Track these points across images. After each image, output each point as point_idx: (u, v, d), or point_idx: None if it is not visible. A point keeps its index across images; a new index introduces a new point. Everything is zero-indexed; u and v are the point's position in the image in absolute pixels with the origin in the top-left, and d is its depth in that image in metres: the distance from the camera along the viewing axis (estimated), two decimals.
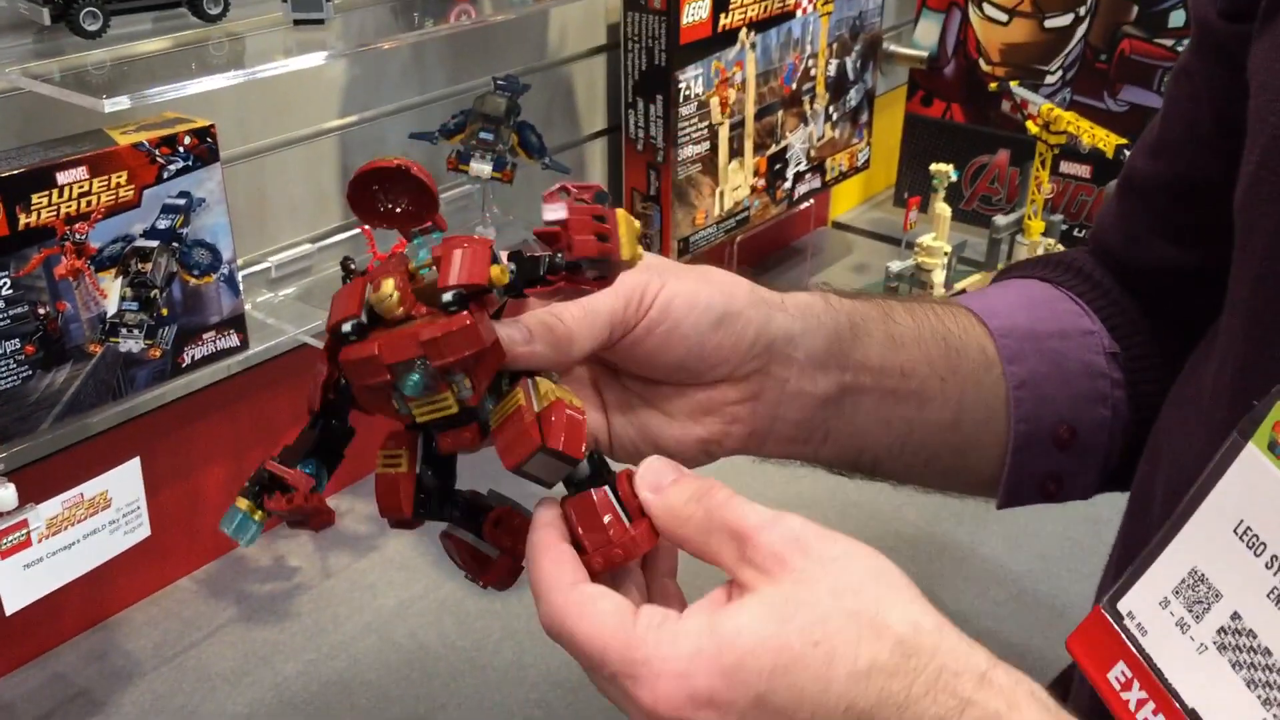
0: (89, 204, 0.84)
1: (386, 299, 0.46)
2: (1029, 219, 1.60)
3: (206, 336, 0.94)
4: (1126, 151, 1.48)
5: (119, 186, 0.85)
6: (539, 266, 0.47)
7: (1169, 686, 0.45)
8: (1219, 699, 0.43)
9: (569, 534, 0.48)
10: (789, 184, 1.59)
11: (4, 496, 0.79)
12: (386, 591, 1.14)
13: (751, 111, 1.48)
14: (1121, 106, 1.67)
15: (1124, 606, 0.48)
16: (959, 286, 1.58)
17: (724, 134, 1.44)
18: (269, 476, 0.49)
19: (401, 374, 0.46)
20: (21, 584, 0.82)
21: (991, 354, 0.68)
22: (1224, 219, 0.62)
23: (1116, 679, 0.47)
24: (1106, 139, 1.49)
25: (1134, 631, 0.47)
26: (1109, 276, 0.74)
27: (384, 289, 0.46)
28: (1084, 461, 0.70)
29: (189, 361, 0.93)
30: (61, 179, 0.82)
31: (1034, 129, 1.56)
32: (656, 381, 0.59)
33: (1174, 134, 0.69)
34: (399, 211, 0.50)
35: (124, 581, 1.09)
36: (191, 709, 1.00)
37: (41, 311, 0.83)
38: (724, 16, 1.37)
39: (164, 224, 0.89)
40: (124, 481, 0.89)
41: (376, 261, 1.17)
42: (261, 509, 0.50)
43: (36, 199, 0.81)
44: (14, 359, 0.82)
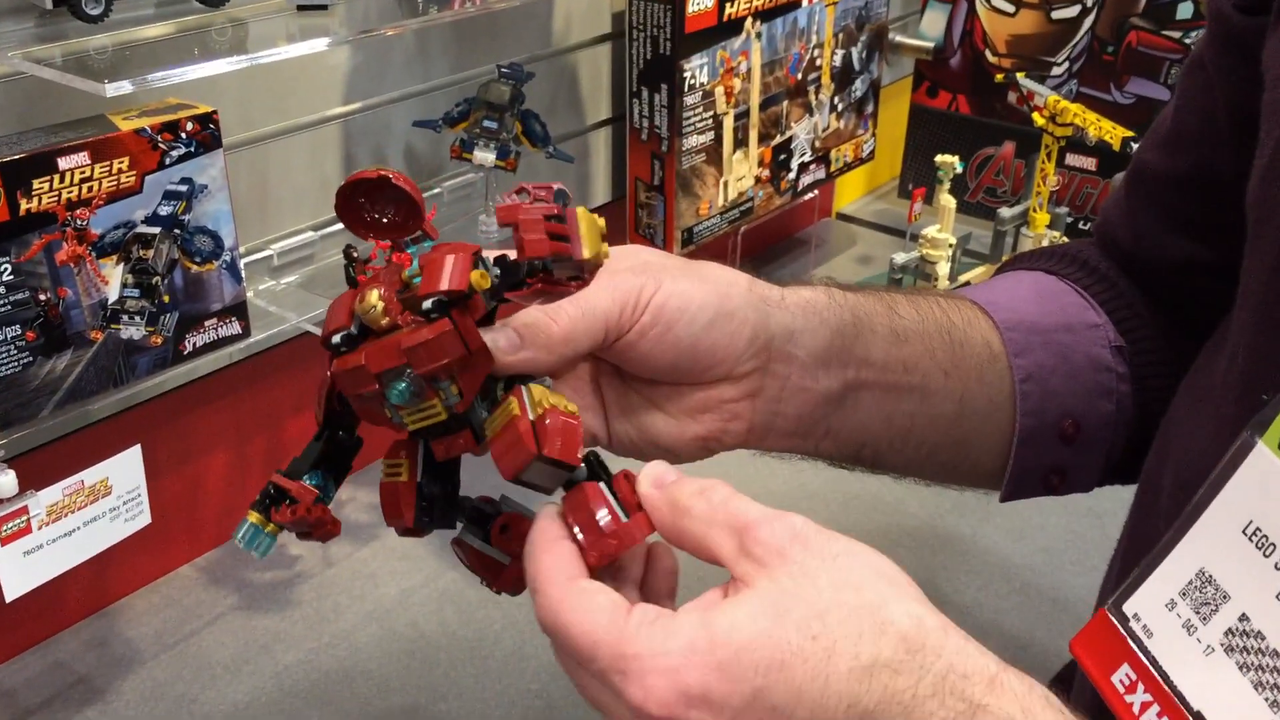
0: (90, 190, 0.83)
1: (371, 310, 0.46)
2: (1034, 211, 1.59)
3: (208, 324, 0.94)
4: (1133, 144, 1.47)
5: (121, 172, 0.85)
6: (520, 270, 0.48)
7: (1174, 689, 0.44)
8: (1225, 701, 0.43)
9: (569, 533, 0.48)
10: (793, 175, 1.59)
11: (4, 483, 0.79)
12: (388, 581, 1.14)
13: (756, 101, 1.47)
14: (1128, 99, 1.66)
15: (1129, 608, 0.48)
16: (964, 279, 1.57)
17: (729, 124, 1.43)
18: (275, 489, 0.49)
19: (389, 383, 0.46)
20: (22, 571, 0.82)
21: (996, 347, 0.67)
22: (1234, 213, 0.61)
23: (1120, 681, 0.47)
24: (1113, 131, 1.49)
25: (1139, 634, 0.47)
26: (1114, 269, 0.73)
27: (368, 300, 0.46)
28: (1088, 455, 0.69)
29: (190, 349, 0.93)
30: (63, 164, 0.81)
31: (1040, 121, 1.55)
32: (654, 380, 0.59)
33: (1186, 127, 0.69)
34: (386, 222, 0.49)
35: (125, 569, 1.09)
36: (192, 697, 1.00)
37: (42, 298, 0.82)
38: (729, 5, 1.37)
39: (166, 210, 0.88)
40: (125, 469, 0.88)
41: (379, 250, 1.16)
42: (272, 519, 0.50)
43: (38, 184, 0.80)
44: (15, 345, 0.82)
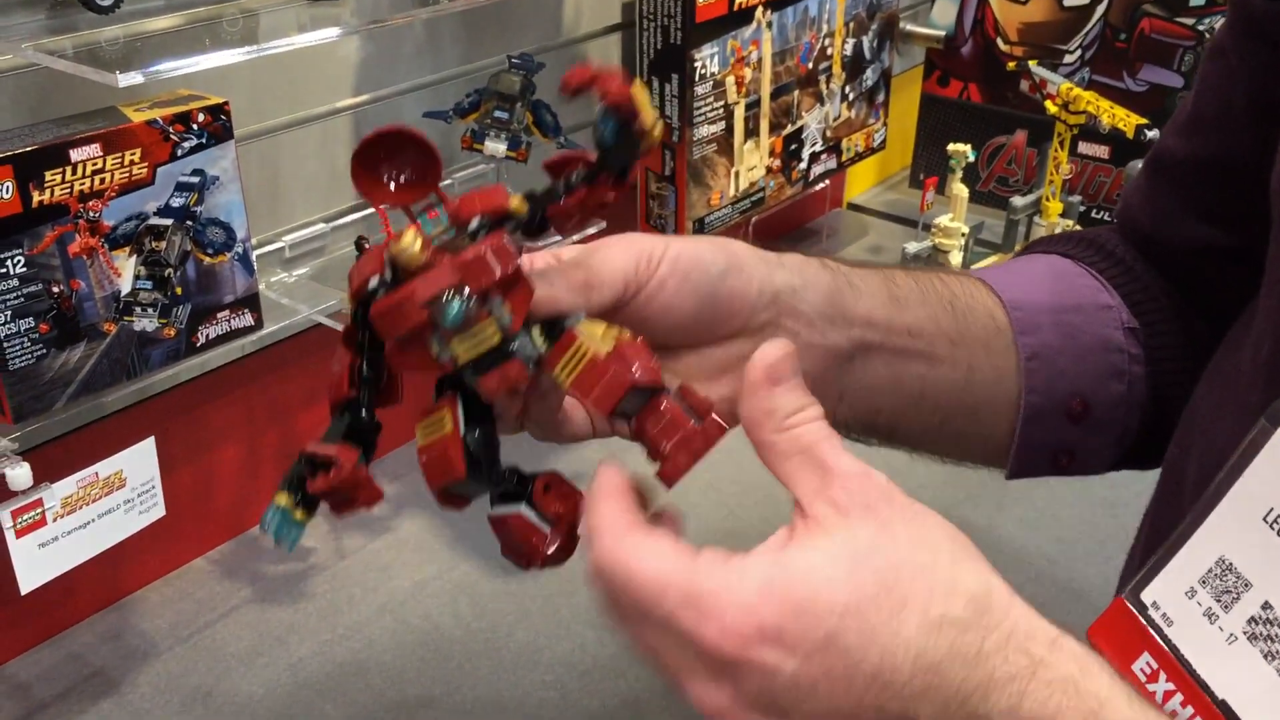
0: (103, 181, 0.83)
1: (409, 247, 0.45)
2: (1047, 200, 1.58)
3: (221, 316, 0.94)
4: (1147, 132, 1.46)
5: (133, 164, 0.85)
6: (555, 191, 0.48)
7: (1197, 678, 0.44)
8: (1251, 690, 0.42)
9: (646, 445, 0.48)
10: (805, 164, 1.58)
11: (19, 475, 0.79)
12: (401, 573, 1.14)
13: (767, 91, 1.47)
14: (1141, 86, 1.65)
15: (1148, 596, 0.48)
16: (976, 268, 1.57)
17: (739, 114, 1.43)
18: (309, 459, 0.47)
19: (440, 309, 0.45)
20: (37, 563, 0.82)
21: (1001, 320, 0.68)
22: (1255, 198, 0.61)
23: (1142, 670, 0.46)
24: (1126, 119, 1.48)
25: (1159, 622, 0.47)
26: (1133, 253, 0.73)
27: (405, 239, 0.45)
28: (1098, 435, 0.69)
29: (203, 341, 0.93)
30: (75, 156, 0.81)
31: (1053, 109, 1.55)
32: (675, 347, 0.59)
33: (1206, 112, 0.68)
34: (405, 182, 0.49)
35: (139, 561, 1.09)
36: (207, 689, 1.00)
37: (55, 290, 0.82)
38: None
39: (178, 202, 0.88)
40: (139, 461, 0.88)
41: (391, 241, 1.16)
42: (302, 500, 0.48)
43: (50, 176, 0.80)
44: (28, 337, 0.82)
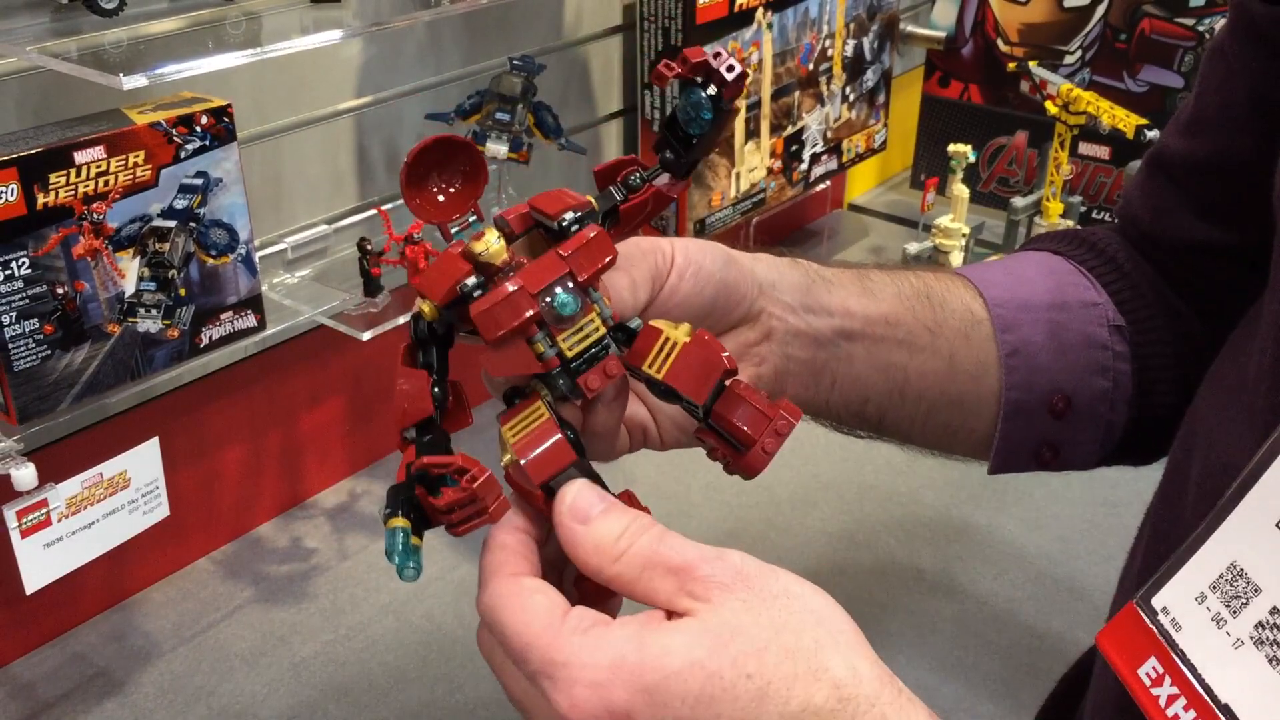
0: (106, 184, 0.83)
1: (492, 245, 0.45)
2: (1047, 200, 1.59)
3: (224, 317, 0.94)
4: (1147, 132, 1.46)
5: (136, 166, 0.85)
6: (629, 185, 0.50)
7: (1202, 682, 0.44)
8: (1255, 694, 0.42)
9: (726, 434, 0.48)
10: (805, 165, 1.59)
11: (24, 476, 0.79)
12: None
13: (768, 92, 1.47)
14: (1141, 87, 1.66)
15: (1158, 602, 0.48)
16: (971, 265, 1.57)
17: (740, 115, 1.43)
18: (424, 474, 0.45)
19: (554, 298, 0.45)
20: (42, 563, 0.82)
21: (980, 313, 0.68)
22: (1254, 198, 0.61)
23: (1147, 675, 0.46)
24: (1126, 119, 1.48)
25: (1168, 627, 0.47)
26: (1127, 251, 0.73)
27: (487, 238, 0.45)
28: (1081, 431, 0.70)
29: (206, 342, 0.93)
30: (79, 158, 0.81)
31: (1053, 109, 1.55)
32: None
33: (1206, 112, 0.69)
34: (452, 192, 0.49)
35: (142, 562, 1.10)
36: (210, 689, 1.00)
37: (60, 291, 0.83)
38: None
39: (181, 204, 0.88)
40: (143, 461, 0.88)
41: (393, 242, 1.15)
42: (416, 524, 0.47)
43: (54, 178, 0.80)
44: (33, 338, 0.82)
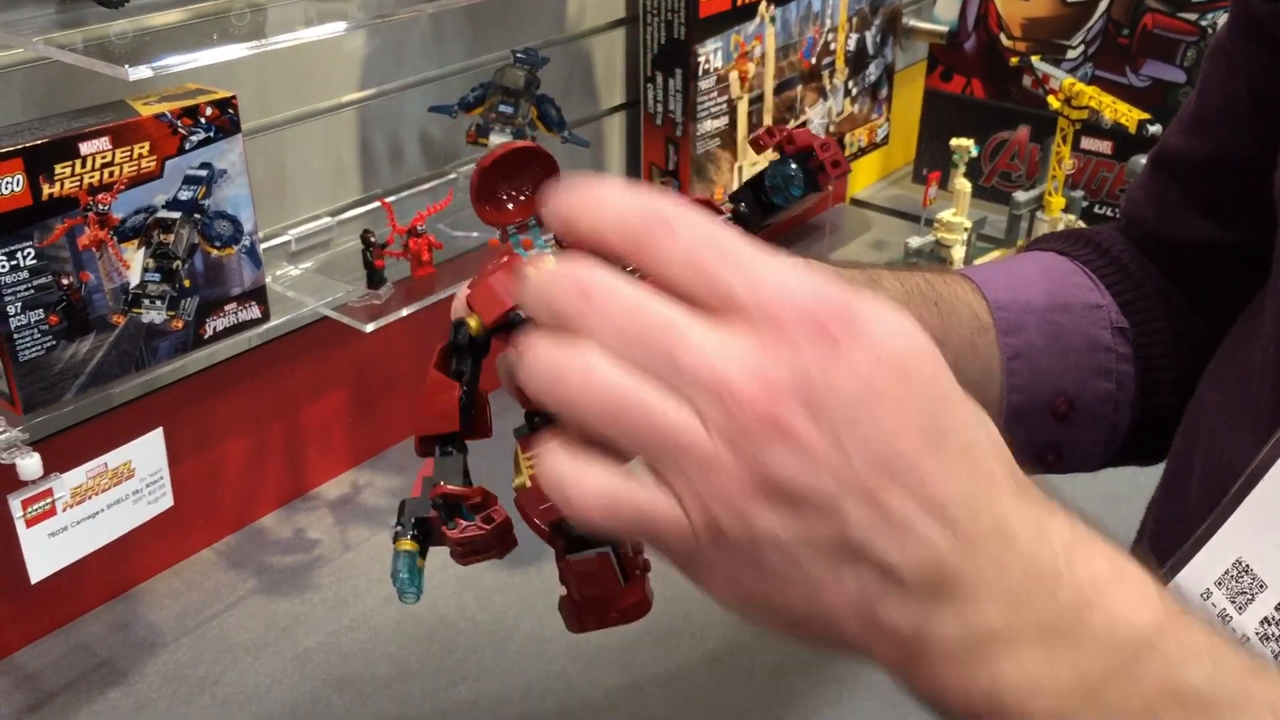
0: (112, 174, 0.84)
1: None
2: (1049, 195, 1.59)
3: (228, 308, 0.94)
4: (1149, 127, 1.47)
5: (141, 157, 0.85)
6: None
7: None
8: None
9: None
10: None
11: (29, 465, 0.79)
12: None
13: (771, 86, 1.47)
14: (1144, 82, 1.66)
15: None
16: (978, 263, 1.57)
17: (743, 108, 1.43)
18: (444, 501, 0.45)
19: None
20: (46, 553, 0.83)
21: (985, 320, 0.68)
22: (1256, 195, 0.62)
23: None
24: (1129, 114, 1.48)
25: None
26: (1131, 251, 0.74)
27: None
28: (1084, 433, 0.70)
29: (210, 333, 0.94)
30: (84, 149, 0.82)
31: (1055, 104, 1.55)
32: None
33: (1208, 110, 0.69)
34: (522, 200, 0.49)
35: (146, 552, 1.10)
36: (214, 679, 1.00)
37: (65, 282, 0.83)
38: None
39: (186, 195, 0.89)
40: (147, 452, 0.89)
41: (397, 235, 1.16)
42: (423, 545, 0.46)
43: (60, 169, 0.81)
44: (38, 329, 0.82)
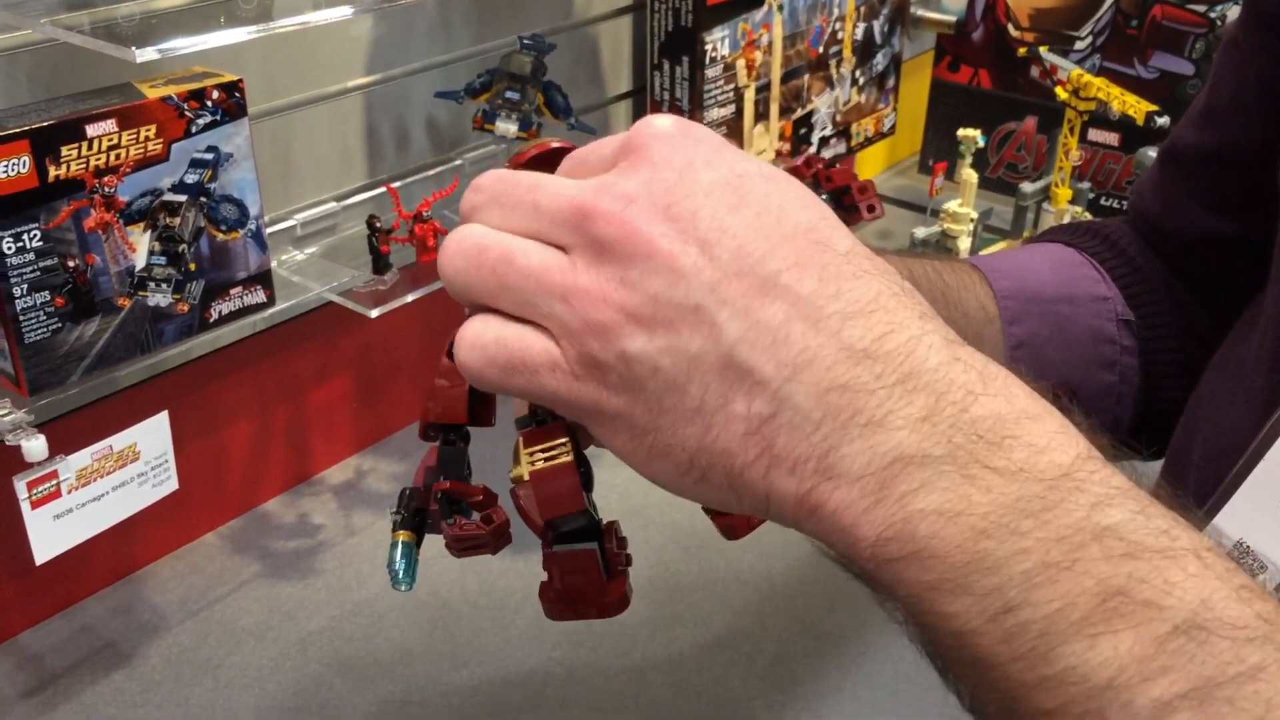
0: (118, 157, 0.84)
1: None
2: (1056, 186, 1.58)
3: (234, 292, 0.94)
4: (1157, 119, 1.46)
5: (148, 140, 0.85)
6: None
7: None
8: None
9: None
10: (814, 149, 1.58)
11: (34, 447, 0.79)
12: None
13: (778, 75, 1.47)
14: (1152, 74, 1.65)
15: None
16: (984, 253, 1.57)
17: (749, 97, 1.43)
18: (446, 498, 0.45)
19: None
20: (51, 535, 0.83)
21: (991, 310, 0.68)
22: (1264, 190, 0.62)
23: None
24: (1137, 105, 1.48)
25: None
26: (1138, 244, 0.74)
27: None
28: None
29: (216, 317, 0.94)
30: (91, 131, 0.82)
31: (1063, 95, 1.54)
32: None
33: (1218, 103, 0.69)
34: None
35: (150, 536, 1.10)
36: (217, 662, 1.01)
37: (71, 264, 0.83)
38: None
39: (192, 178, 0.89)
40: (153, 434, 0.89)
41: (402, 220, 1.15)
42: (419, 535, 0.46)
43: (66, 151, 0.81)
44: (44, 311, 0.82)
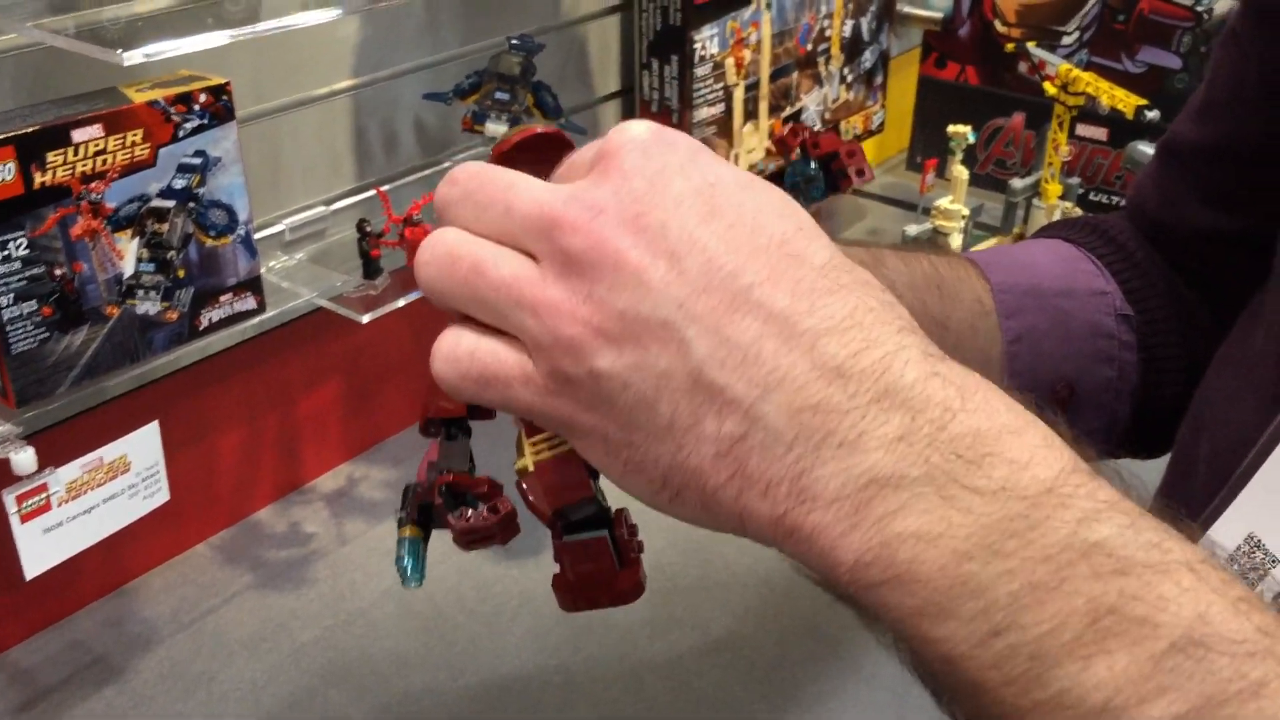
0: (105, 163, 0.82)
1: None
2: (1046, 182, 1.58)
3: (224, 299, 0.93)
4: (1146, 113, 1.46)
5: (134, 145, 0.84)
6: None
7: None
8: None
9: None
10: None
11: (23, 460, 0.78)
12: None
13: (767, 73, 1.46)
14: (1140, 68, 1.65)
15: None
16: (976, 250, 1.57)
17: (739, 95, 1.42)
18: (450, 491, 0.45)
19: None
20: (42, 548, 0.81)
21: (988, 304, 0.68)
22: (1263, 184, 0.61)
23: None
24: (1126, 99, 1.48)
25: None
26: (1138, 240, 0.73)
27: None
28: (1084, 420, 0.69)
29: (206, 324, 0.92)
30: (77, 137, 0.80)
31: (1052, 90, 1.54)
32: None
33: (1217, 97, 0.69)
34: None
35: (140, 547, 1.09)
36: (210, 675, 0.99)
37: (58, 272, 0.82)
38: None
39: (180, 184, 0.87)
40: (143, 445, 0.87)
41: (393, 224, 1.14)
42: (429, 532, 0.46)
43: (52, 157, 0.79)
44: (31, 320, 0.81)
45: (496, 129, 1.13)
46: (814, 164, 0.49)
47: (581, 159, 0.41)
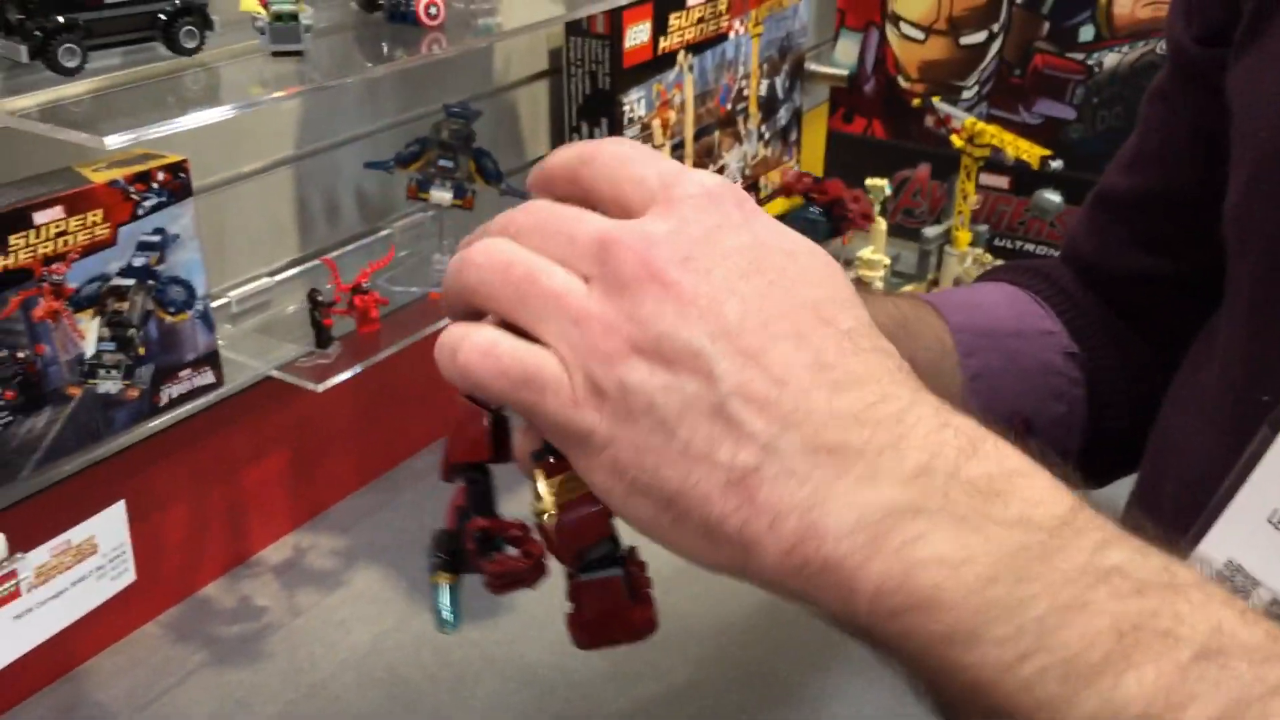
0: (66, 244, 0.82)
1: None
2: (957, 229, 1.65)
3: (183, 374, 0.92)
4: (1051, 163, 1.53)
5: (95, 225, 0.83)
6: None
7: None
8: None
9: None
10: None
11: None
12: (359, 627, 1.12)
13: (690, 132, 1.50)
14: (1036, 119, 1.73)
15: None
16: (934, 293, 1.62)
17: (665, 154, 1.46)
18: (482, 535, 0.45)
19: None
20: (12, 636, 0.79)
21: (948, 343, 0.71)
22: (1196, 228, 0.66)
23: None
24: (1030, 150, 1.55)
25: None
26: (1076, 282, 0.77)
27: None
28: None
29: (166, 400, 0.91)
30: (38, 219, 0.80)
31: (959, 143, 1.61)
32: None
33: (1149, 149, 0.73)
34: None
35: (88, 629, 1.05)
36: None
37: (21, 355, 0.81)
38: (663, 39, 1.40)
39: (139, 261, 0.87)
40: (109, 525, 0.86)
41: (342, 293, 1.14)
42: (461, 576, 0.47)
43: (14, 240, 0.78)
44: None
45: (442, 195, 1.14)
46: (818, 209, 0.51)
47: (639, 172, 0.43)
